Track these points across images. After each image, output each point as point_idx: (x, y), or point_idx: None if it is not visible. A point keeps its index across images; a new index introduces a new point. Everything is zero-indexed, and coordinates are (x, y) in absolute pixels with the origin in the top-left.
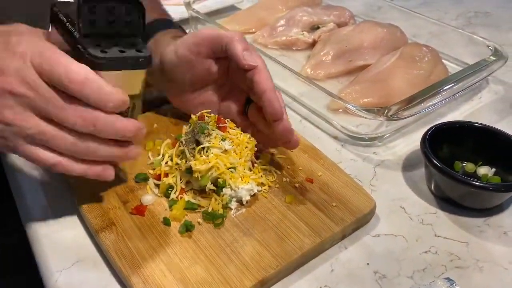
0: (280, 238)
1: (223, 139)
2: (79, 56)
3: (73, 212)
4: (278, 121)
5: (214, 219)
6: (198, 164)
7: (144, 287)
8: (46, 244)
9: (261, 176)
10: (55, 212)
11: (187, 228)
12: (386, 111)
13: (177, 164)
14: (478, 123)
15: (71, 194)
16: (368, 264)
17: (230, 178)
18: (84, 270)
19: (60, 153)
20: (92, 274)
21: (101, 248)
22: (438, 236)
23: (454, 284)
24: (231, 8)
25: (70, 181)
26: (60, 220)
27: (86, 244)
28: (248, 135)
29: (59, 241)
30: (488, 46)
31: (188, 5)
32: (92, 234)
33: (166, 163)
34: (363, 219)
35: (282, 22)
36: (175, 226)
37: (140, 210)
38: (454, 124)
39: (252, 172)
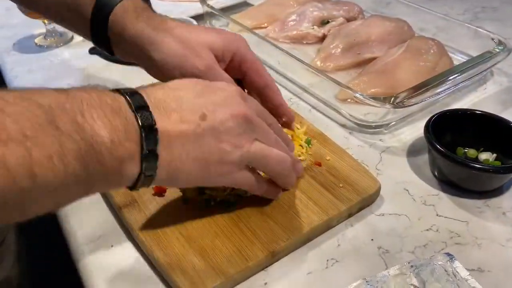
0: (290, 215)
1: None
2: None
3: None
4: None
5: (226, 206)
6: None
7: (165, 258)
8: (74, 220)
9: None
10: None
11: (206, 204)
12: (393, 99)
13: None
14: (479, 111)
15: None
16: (372, 240)
17: None
18: (108, 244)
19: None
20: (116, 248)
21: (124, 224)
22: (440, 216)
23: (453, 259)
24: (244, 4)
25: None
26: (86, 199)
27: (110, 220)
28: None
29: (85, 218)
30: (492, 39)
31: (203, 1)
32: (116, 211)
33: None
34: (368, 199)
35: (293, 17)
36: (193, 203)
37: (160, 189)
38: (457, 111)
39: None
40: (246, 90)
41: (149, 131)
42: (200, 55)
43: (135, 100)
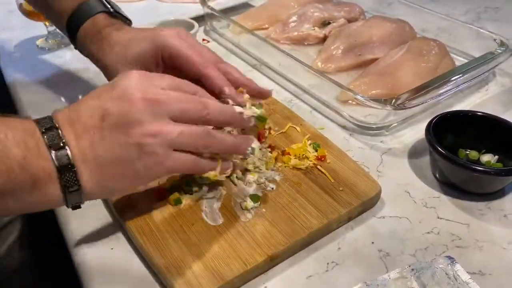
0: (289, 218)
1: None
2: None
3: None
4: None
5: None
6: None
7: (163, 261)
8: (74, 223)
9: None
10: None
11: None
12: (393, 100)
13: None
14: (480, 112)
15: None
16: (373, 243)
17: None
18: (108, 247)
19: (193, 154)
20: (115, 251)
21: (123, 226)
22: (441, 218)
23: (454, 262)
24: (245, 5)
25: None
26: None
27: (110, 223)
28: None
29: (85, 221)
30: (494, 39)
31: (203, 2)
32: (115, 214)
33: None
34: (368, 203)
35: (294, 18)
36: (191, 207)
37: (160, 193)
38: (458, 113)
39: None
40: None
41: (58, 149)
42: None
43: (44, 122)
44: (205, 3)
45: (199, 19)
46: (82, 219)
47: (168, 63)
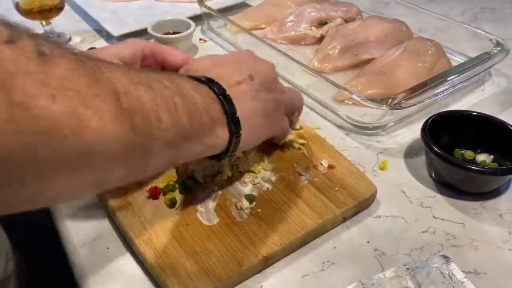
0: (284, 219)
1: None
2: None
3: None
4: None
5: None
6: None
7: (158, 261)
8: (69, 222)
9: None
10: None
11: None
12: (390, 100)
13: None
14: (476, 112)
15: None
16: (368, 242)
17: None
18: (104, 247)
19: None
20: (110, 250)
21: (118, 226)
22: (436, 218)
23: (449, 261)
24: (242, 5)
25: None
26: (81, 201)
27: (105, 223)
28: None
29: (80, 220)
30: (490, 39)
31: (200, 2)
32: (110, 214)
33: None
34: (364, 203)
35: (291, 18)
36: (186, 207)
37: (154, 192)
38: (454, 113)
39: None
40: None
41: (224, 97)
42: None
43: (201, 77)
44: (202, 3)
45: (196, 18)
46: (77, 219)
47: (149, 62)
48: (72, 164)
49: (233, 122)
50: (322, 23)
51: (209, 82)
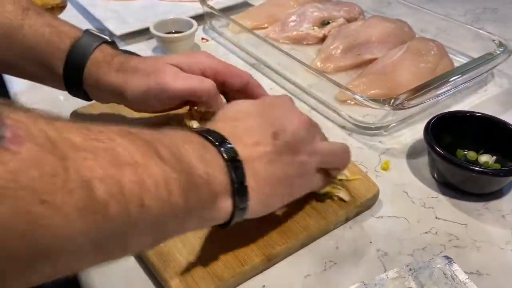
0: (286, 219)
1: None
2: None
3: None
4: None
5: None
6: None
7: (159, 260)
8: None
9: None
10: None
11: None
12: (392, 100)
13: None
14: (479, 113)
15: None
16: (371, 242)
17: None
18: None
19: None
20: None
21: None
22: (439, 219)
23: (452, 262)
24: (244, 5)
25: None
26: None
27: None
28: None
29: None
30: (493, 40)
31: (203, 1)
32: None
33: None
34: (366, 204)
35: (293, 17)
36: None
37: None
38: (456, 113)
39: None
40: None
41: (235, 163)
42: (165, 71)
43: (214, 136)
44: (205, 2)
45: (198, 18)
46: None
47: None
48: (32, 263)
49: (239, 193)
50: (324, 23)
51: (221, 145)
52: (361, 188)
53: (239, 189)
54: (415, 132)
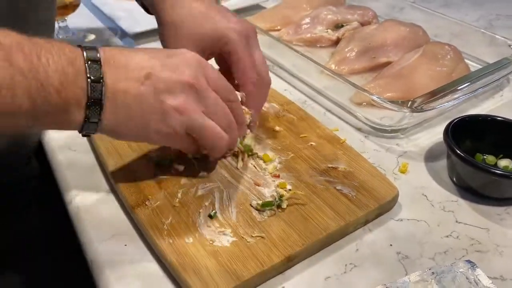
0: (305, 219)
1: None
2: None
3: (109, 191)
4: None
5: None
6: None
7: (178, 259)
8: (87, 219)
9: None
10: (94, 190)
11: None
12: (411, 103)
13: None
14: (500, 117)
15: (109, 176)
16: (391, 245)
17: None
18: (121, 243)
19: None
20: (129, 247)
21: (136, 223)
22: (459, 222)
23: (475, 266)
24: (256, 7)
25: (109, 163)
26: (99, 198)
27: (122, 219)
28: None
29: (98, 217)
30: (510, 45)
31: (216, 2)
32: (128, 210)
33: None
34: (386, 206)
35: (307, 20)
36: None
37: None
38: (477, 117)
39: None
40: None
41: (95, 82)
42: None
43: (90, 54)
44: (218, 3)
45: None
46: (95, 215)
47: (219, 54)
48: None
49: (90, 109)
50: (338, 25)
51: (91, 64)
52: (381, 190)
53: (92, 104)
54: (432, 135)
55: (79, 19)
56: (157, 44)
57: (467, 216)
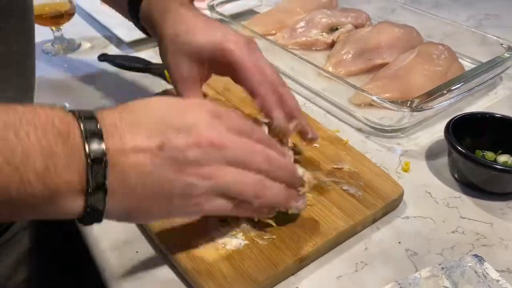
0: (314, 220)
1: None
2: None
3: None
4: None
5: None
6: None
7: (192, 264)
8: (98, 227)
9: None
10: None
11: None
12: (410, 102)
13: None
14: (498, 114)
15: None
16: (399, 243)
17: None
18: (133, 250)
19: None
20: (140, 254)
21: (146, 229)
22: (464, 218)
23: (482, 260)
24: (250, 12)
25: None
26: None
27: (133, 226)
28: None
29: (109, 224)
30: (501, 44)
31: (212, 8)
32: None
33: None
34: (392, 204)
35: (302, 23)
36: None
37: None
38: (476, 114)
39: None
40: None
41: (97, 163)
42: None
43: (87, 124)
44: (214, 9)
45: None
46: (104, 222)
47: (220, 67)
48: None
49: (92, 195)
50: (332, 28)
51: (89, 138)
52: (386, 189)
53: (95, 190)
54: (431, 134)
55: (74, 28)
56: (153, 52)
57: (471, 211)
